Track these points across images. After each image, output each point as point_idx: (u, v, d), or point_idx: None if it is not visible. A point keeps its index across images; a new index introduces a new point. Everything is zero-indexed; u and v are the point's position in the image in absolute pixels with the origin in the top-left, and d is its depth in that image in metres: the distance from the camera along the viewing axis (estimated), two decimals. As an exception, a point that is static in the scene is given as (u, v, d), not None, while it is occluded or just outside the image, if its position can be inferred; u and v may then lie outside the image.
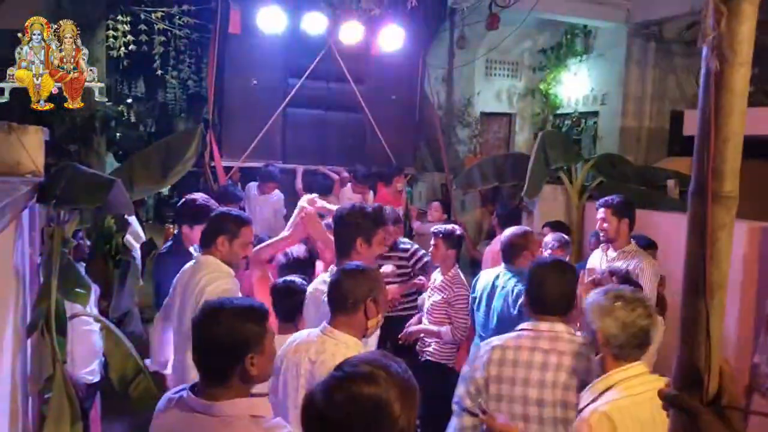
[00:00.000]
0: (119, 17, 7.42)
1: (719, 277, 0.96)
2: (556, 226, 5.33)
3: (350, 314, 2.28)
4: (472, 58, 8.57)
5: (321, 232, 3.34)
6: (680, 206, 5.63)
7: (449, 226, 4.32)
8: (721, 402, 0.99)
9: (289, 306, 3.09)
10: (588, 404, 2.07)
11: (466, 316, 4.01)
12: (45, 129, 2.80)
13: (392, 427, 1.29)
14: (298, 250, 3.68)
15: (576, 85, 8.47)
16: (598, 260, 4.26)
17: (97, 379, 3.62)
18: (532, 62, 8.98)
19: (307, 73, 7.12)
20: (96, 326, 3.51)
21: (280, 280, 3.47)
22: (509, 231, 3.84)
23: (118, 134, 7.52)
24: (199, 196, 3.84)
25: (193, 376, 1.99)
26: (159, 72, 8.24)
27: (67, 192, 2.47)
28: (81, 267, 3.56)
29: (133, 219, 3.59)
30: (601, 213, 4.21)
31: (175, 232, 3.89)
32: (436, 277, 4.24)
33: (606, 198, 4.26)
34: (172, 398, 1.88)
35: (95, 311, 3.60)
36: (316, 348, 2.27)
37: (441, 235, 4.17)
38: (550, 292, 2.46)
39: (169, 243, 3.93)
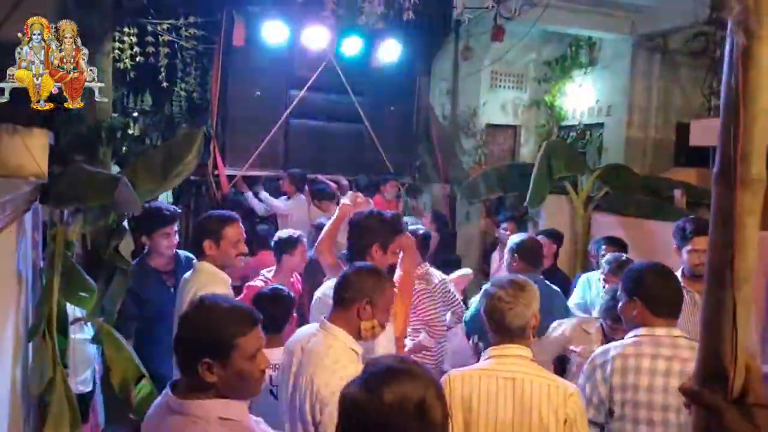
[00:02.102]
0: (125, 29, 7.45)
1: (746, 266, 0.92)
2: (550, 234, 5.29)
3: (344, 309, 2.28)
4: (477, 69, 8.57)
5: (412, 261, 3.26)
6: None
7: (413, 227, 4.20)
8: (747, 400, 0.94)
9: (277, 314, 3.01)
10: None
11: (434, 310, 3.86)
12: (50, 132, 2.79)
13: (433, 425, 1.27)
14: None
15: (581, 97, 8.46)
16: None
17: (89, 389, 3.55)
18: (537, 74, 8.98)
19: (308, 85, 7.29)
20: (89, 335, 3.46)
21: (267, 288, 3.39)
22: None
23: (124, 148, 7.51)
24: (152, 203, 3.73)
25: None
26: (165, 84, 8.27)
27: (73, 190, 2.45)
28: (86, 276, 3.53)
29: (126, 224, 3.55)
30: (702, 242, 3.34)
31: (146, 247, 3.77)
32: None
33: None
34: (162, 396, 1.84)
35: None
36: (308, 338, 2.30)
37: None
38: (667, 296, 2.43)
39: (136, 261, 3.79)
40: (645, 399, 2.33)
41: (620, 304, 2.57)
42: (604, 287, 3.99)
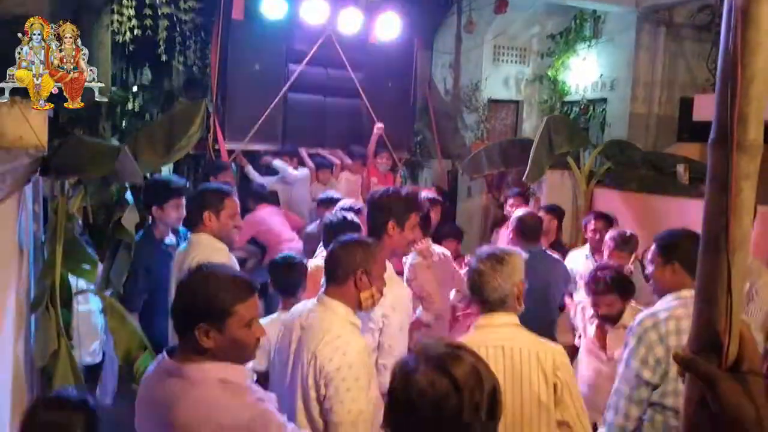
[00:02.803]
0: (124, 1, 7.37)
1: (741, 232, 0.91)
2: (551, 210, 5.31)
3: (341, 285, 2.29)
4: (480, 43, 8.49)
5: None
6: (690, 192, 5.58)
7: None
8: (741, 368, 0.94)
9: (290, 280, 3.08)
10: None
11: (431, 285, 3.86)
12: (49, 104, 2.77)
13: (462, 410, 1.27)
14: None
15: (585, 71, 8.37)
16: None
17: (98, 360, 3.60)
18: (540, 48, 8.87)
19: (306, 60, 7.27)
20: (95, 306, 3.49)
21: (279, 255, 3.46)
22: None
23: (123, 123, 7.48)
24: (161, 176, 3.78)
25: None
26: (164, 58, 8.21)
27: (73, 161, 2.44)
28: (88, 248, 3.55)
29: (129, 197, 3.57)
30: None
31: (151, 219, 3.83)
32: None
33: None
34: (157, 361, 1.86)
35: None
36: (307, 314, 2.31)
37: None
38: None
39: (140, 233, 3.82)
40: None
41: (652, 270, 2.63)
42: (596, 263, 4.09)
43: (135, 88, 8.21)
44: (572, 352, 3.38)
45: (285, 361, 2.32)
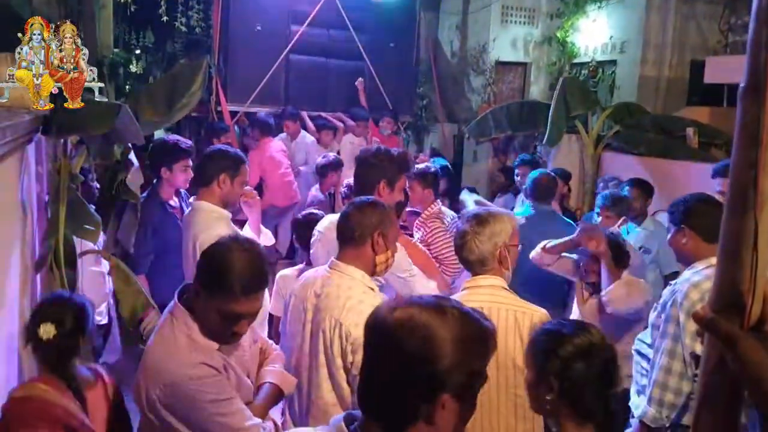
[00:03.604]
0: (125, -41, 7.23)
1: (772, 188, 0.88)
2: (560, 174, 5.24)
3: (358, 247, 2.22)
4: (488, 3, 8.31)
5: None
6: (699, 156, 5.51)
7: (422, 165, 4.17)
8: (764, 328, 0.91)
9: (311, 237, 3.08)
10: None
11: (449, 250, 3.72)
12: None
13: (434, 363, 1.16)
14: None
15: (594, 33, 8.20)
16: None
17: (104, 321, 3.61)
18: (549, 8, 8.67)
19: (308, 20, 7.21)
20: (104, 268, 3.50)
21: (301, 213, 3.59)
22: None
23: (127, 86, 7.41)
24: (169, 137, 3.77)
25: None
26: (165, 19, 8.09)
27: (75, 119, 2.40)
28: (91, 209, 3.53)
29: (133, 158, 3.54)
30: (719, 184, 3.47)
31: (154, 181, 3.83)
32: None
33: (726, 162, 3.55)
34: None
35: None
36: (321, 282, 2.24)
37: (414, 176, 3.90)
38: (716, 222, 2.41)
39: (144, 194, 3.80)
40: None
41: (669, 237, 2.61)
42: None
43: (138, 51, 8.10)
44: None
45: (298, 332, 2.26)
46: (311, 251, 2.96)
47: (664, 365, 2.46)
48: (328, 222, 2.88)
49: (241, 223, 3.35)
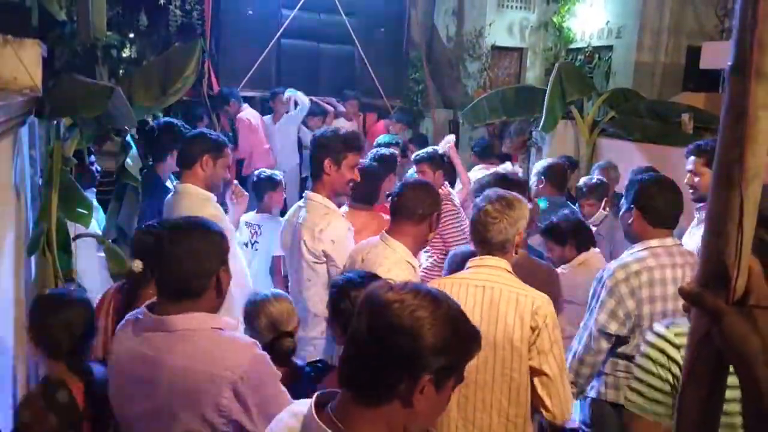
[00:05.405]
0: (118, -62, 7.16)
1: (756, 164, 0.88)
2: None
3: (417, 224, 2.46)
4: (484, -13, 8.26)
5: None
6: (694, 141, 5.50)
7: (429, 149, 4.17)
8: (748, 302, 0.93)
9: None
10: None
11: (456, 231, 3.82)
12: (42, 44, 2.70)
13: (419, 341, 1.16)
14: None
15: (590, 18, 8.17)
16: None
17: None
18: (546, -7, 8.64)
19: (299, 5, 7.24)
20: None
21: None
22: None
23: (121, 70, 7.36)
24: (168, 119, 3.77)
25: None
26: (161, 2, 8.02)
27: (67, 101, 2.39)
28: (92, 193, 3.53)
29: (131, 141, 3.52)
30: (690, 163, 3.46)
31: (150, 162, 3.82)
32: None
33: (699, 143, 3.50)
34: (128, 320, 1.76)
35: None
36: (368, 249, 2.52)
37: (424, 160, 3.95)
38: (660, 206, 2.47)
39: (143, 171, 3.75)
40: (660, 309, 2.40)
41: (620, 214, 2.65)
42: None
43: (132, 35, 8.04)
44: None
45: None
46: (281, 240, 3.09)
47: (580, 335, 2.54)
48: (293, 211, 2.99)
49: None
